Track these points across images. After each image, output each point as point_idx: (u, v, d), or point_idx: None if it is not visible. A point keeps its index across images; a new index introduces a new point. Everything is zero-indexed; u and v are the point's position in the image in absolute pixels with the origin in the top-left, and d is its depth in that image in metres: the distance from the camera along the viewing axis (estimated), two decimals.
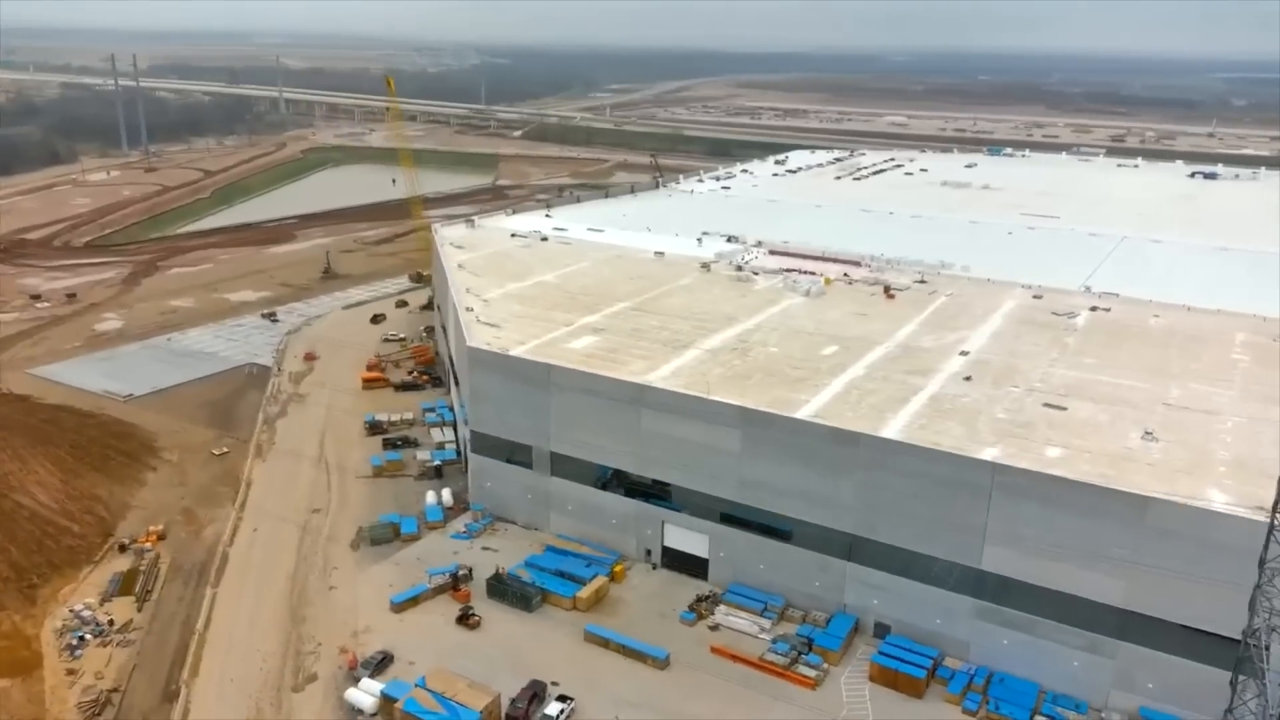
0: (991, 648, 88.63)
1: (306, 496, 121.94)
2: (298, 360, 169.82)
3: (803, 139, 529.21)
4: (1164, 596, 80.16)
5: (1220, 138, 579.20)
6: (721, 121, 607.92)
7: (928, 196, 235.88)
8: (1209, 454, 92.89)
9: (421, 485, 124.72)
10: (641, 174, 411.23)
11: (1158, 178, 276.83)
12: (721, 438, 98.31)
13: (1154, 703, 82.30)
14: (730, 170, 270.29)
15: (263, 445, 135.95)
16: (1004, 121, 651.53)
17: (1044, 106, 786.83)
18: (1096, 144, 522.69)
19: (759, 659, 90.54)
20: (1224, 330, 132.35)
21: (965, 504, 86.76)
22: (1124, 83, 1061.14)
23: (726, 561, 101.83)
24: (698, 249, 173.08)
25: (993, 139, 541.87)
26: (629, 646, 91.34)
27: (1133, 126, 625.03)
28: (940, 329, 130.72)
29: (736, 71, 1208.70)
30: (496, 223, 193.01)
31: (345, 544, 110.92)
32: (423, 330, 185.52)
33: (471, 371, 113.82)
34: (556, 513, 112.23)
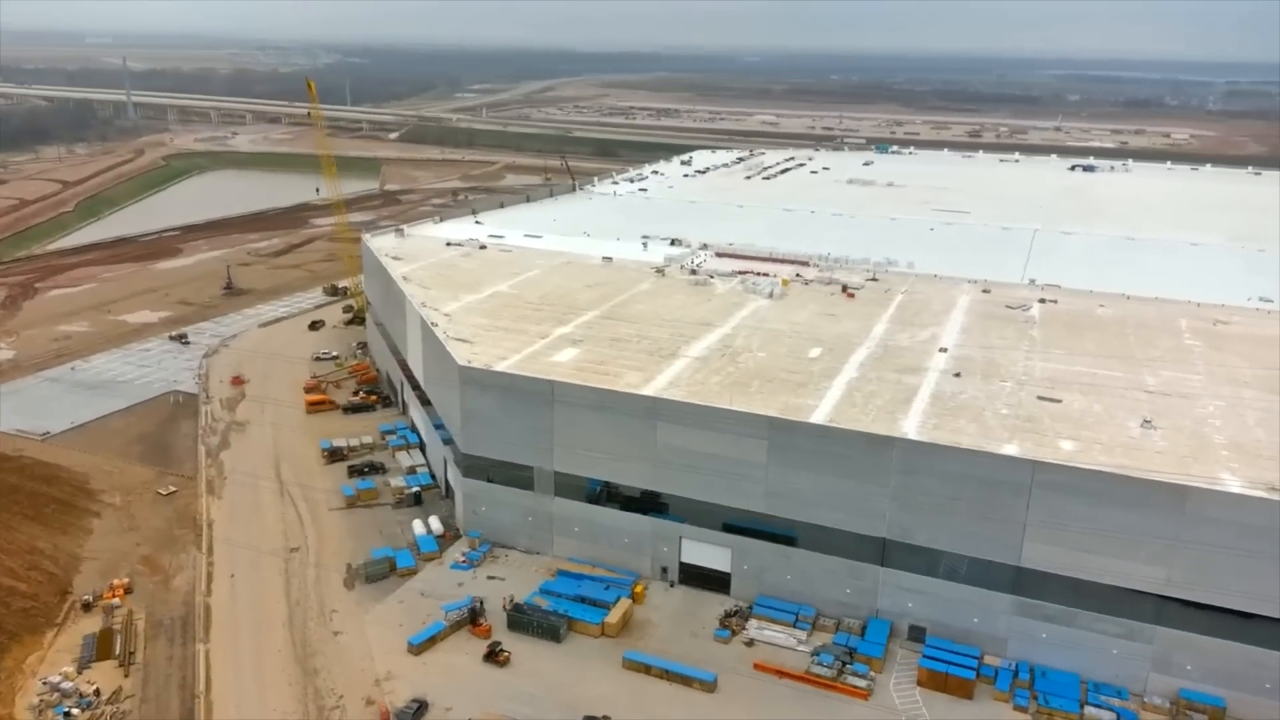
0: (1030, 642, 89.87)
1: (278, 534, 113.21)
2: (225, 385, 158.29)
3: (684, 139, 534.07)
4: (1202, 581, 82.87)
5: (1067, 131, 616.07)
6: (601, 122, 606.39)
7: (840, 195, 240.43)
8: (1205, 438, 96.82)
9: (402, 514, 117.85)
10: (531, 176, 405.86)
11: (1041, 172, 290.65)
12: (746, 449, 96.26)
13: (1194, 683, 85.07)
14: (641, 171, 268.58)
15: (213, 481, 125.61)
16: (866, 119, 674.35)
17: (899, 105, 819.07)
18: (958, 140, 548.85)
19: (805, 673, 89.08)
20: (1167, 317, 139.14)
21: (1005, 502, 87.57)
22: (965, 80, 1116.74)
23: (751, 574, 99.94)
24: (644, 253, 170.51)
25: (859, 136, 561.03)
26: (674, 671, 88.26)
27: (985, 123, 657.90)
28: (909, 326, 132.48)
29: (596, 71, 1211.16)
30: (426, 231, 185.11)
31: (337, 583, 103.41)
32: (356, 347, 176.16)
33: (463, 391, 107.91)
34: (561, 535, 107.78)
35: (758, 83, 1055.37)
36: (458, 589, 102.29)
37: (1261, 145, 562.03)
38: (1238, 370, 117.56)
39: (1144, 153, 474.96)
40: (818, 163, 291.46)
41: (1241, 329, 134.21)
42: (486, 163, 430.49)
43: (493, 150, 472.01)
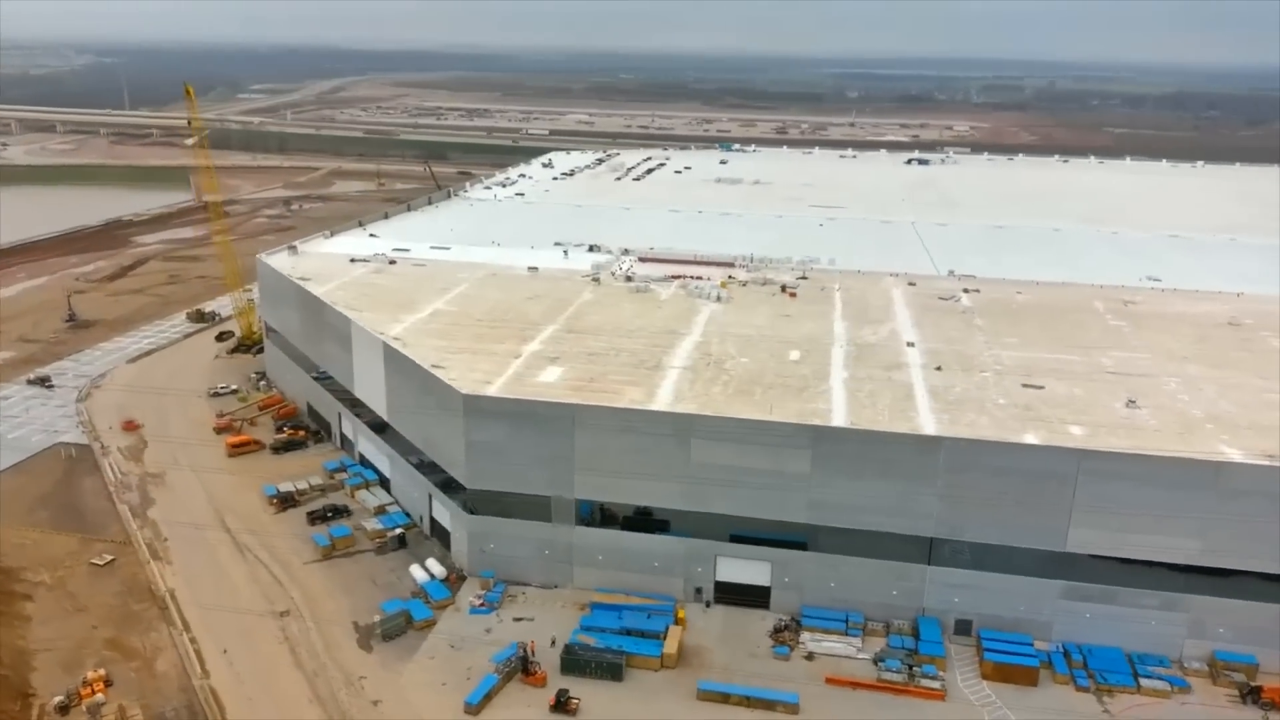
0: (1074, 623, 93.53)
1: (256, 597, 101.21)
2: (117, 431, 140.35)
3: (511, 139, 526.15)
4: (1234, 548, 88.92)
5: (860, 126, 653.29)
6: (416, 124, 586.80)
7: (716, 194, 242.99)
8: (1184, 414, 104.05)
9: (390, 560, 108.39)
10: (359, 181, 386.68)
11: (883, 166, 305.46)
12: (788, 460, 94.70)
13: (1227, 645, 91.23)
14: (509, 175, 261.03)
15: (154, 544, 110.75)
16: (676, 118, 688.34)
17: (700, 103, 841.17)
18: (768, 137, 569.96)
19: (877, 681, 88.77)
20: (1083, 300, 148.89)
21: (1051, 492, 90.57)
22: (748, 79, 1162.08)
23: (792, 587, 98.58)
24: (566, 261, 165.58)
25: (674, 135, 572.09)
26: (755, 697, 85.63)
27: (786, 120, 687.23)
28: (866, 323, 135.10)
29: (380, 70, 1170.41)
30: (318, 247, 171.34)
31: (350, 645, 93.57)
32: (256, 379, 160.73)
33: (468, 422, 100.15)
34: (582, 566, 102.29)
35: (555, 81, 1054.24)
36: (486, 635, 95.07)
37: (1032, 135, 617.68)
38: (1172, 347, 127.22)
39: (935, 144, 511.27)
40: (676, 163, 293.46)
41: (1149, 308, 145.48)
42: (308, 169, 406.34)
43: (310, 155, 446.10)
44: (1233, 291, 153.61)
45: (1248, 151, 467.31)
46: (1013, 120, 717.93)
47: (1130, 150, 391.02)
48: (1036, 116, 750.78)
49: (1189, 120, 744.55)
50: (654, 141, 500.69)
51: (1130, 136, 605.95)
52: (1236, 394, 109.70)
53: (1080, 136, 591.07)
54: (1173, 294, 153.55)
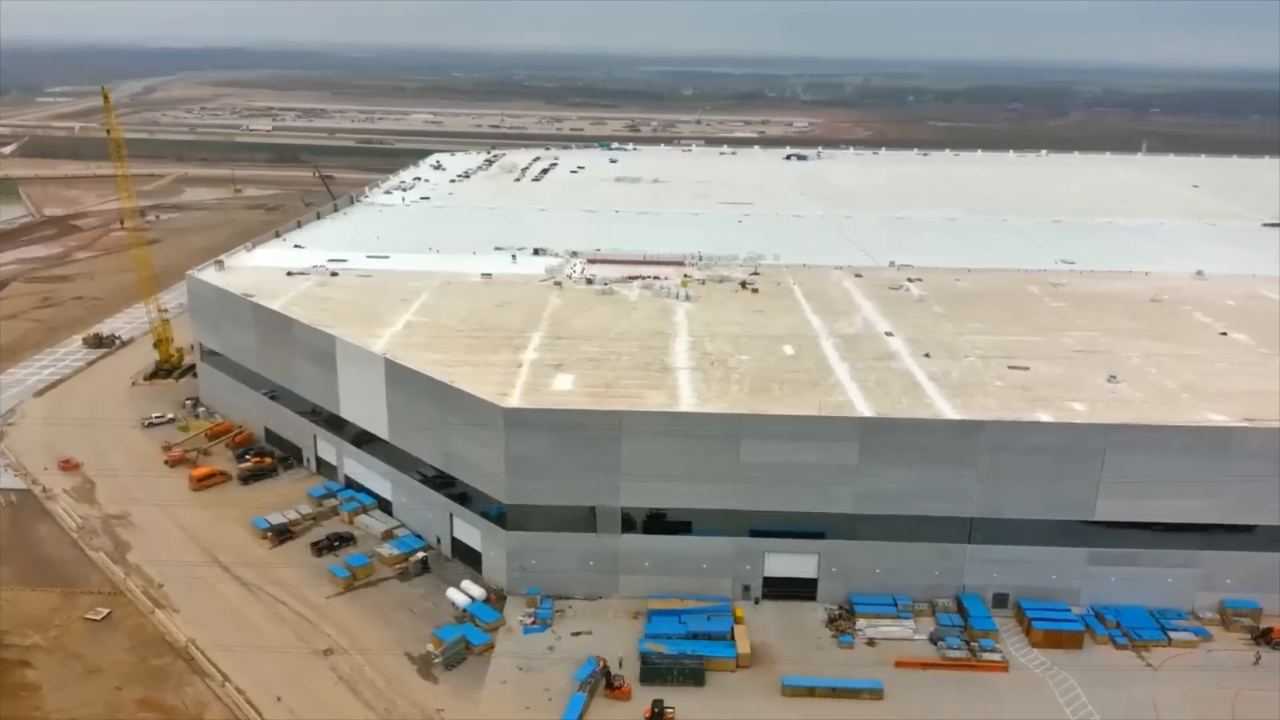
0: (1101, 587, 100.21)
1: (287, 636, 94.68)
2: (55, 472, 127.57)
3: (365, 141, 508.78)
4: (1241, 505, 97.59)
5: (707, 124, 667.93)
6: (253, 126, 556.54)
7: (622, 193, 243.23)
8: (1160, 386, 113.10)
9: (417, 585, 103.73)
10: (209, 188, 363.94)
11: (764, 163, 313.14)
12: (836, 453, 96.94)
13: (1233, 594, 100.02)
14: (403, 179, 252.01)
15: (149, 591, 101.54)
16: (524, 117, 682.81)
17: (543, 101, 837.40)
18: (622, 135, 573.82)
19: (942, 659, 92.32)
20: (1015, 284, 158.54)
21: (1081, 466, 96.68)
22: (580, 77, 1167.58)
23: (839, 576, 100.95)
24: (515, 265, 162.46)
25: (529, 134, 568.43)
26: (841, 687, 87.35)
27: (634, 117, 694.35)
28: (835, 314, 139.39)
29: (188, 70, 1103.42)
30: (242, 261, 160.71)
31: (411, 677, 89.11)
32: (189, 404, 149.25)
33: (510, 436, 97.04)
34: (629, 574, 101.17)
35: (382, 80, 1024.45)
36: (550, 654, 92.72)
37: (866, 130, 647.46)
38: (1117, 325, 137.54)
39: (783, 140, 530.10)
40: (566, 162, 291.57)
41: (1075, 289, 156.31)
42: (152, 176, 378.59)
43: (147, 162, 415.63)
44: (1141, 270, 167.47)
45: (1061, 141, 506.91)
46: (844, 116, 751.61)
47: (954, 143, 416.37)
48: (864, 113, 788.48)
49: (998, 113, 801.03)
50: (510, 141, 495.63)
51: (952, 129, 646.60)
52: (1193, 365, 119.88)
53: (908, 131, 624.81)
54: (1089, 275, 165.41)
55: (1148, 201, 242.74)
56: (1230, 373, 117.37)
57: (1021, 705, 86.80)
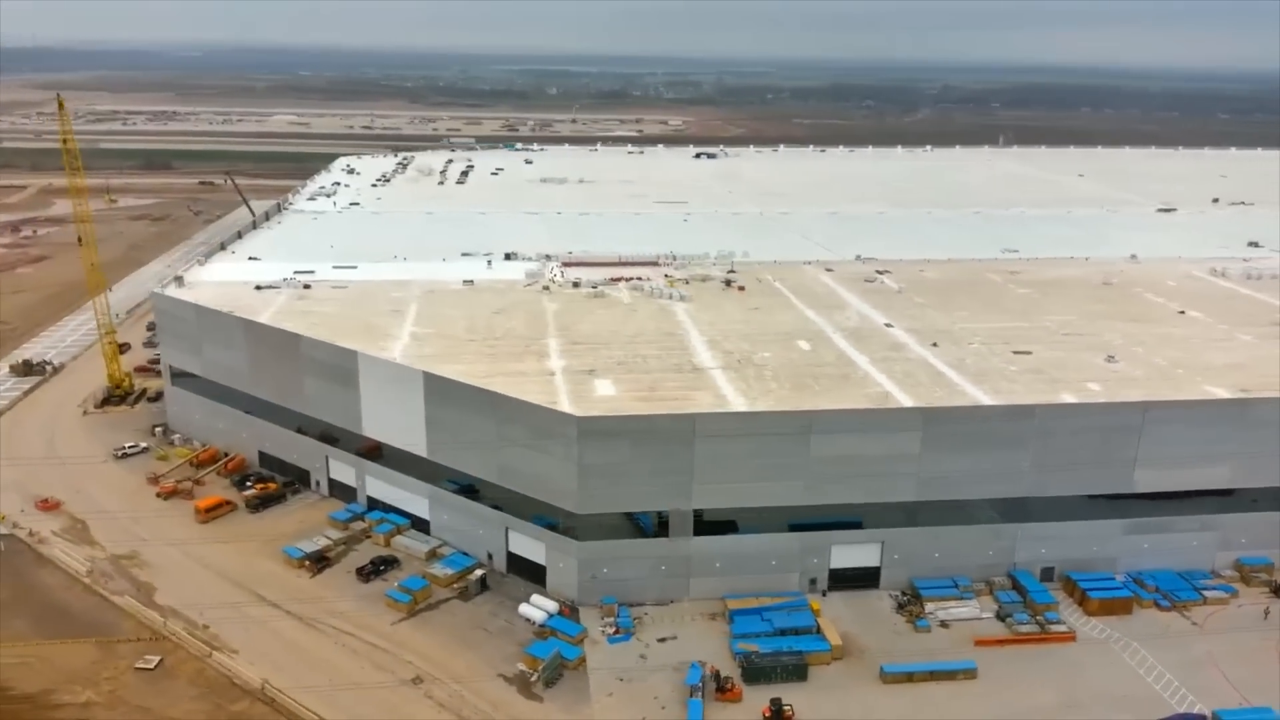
0: (1135, 554, 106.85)
1: (366, 669, 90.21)
2: (35, 513, 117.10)
3: (232, 144, 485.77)
4: (1257, 470, 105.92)
5: (583, 122, 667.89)
6: (109, 130, 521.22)
7: (555, 194, 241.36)
8: (1152, 363, 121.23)
9: (480, 604, 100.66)
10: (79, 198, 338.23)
11: (676, 161, 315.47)
12: (900, 443, 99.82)
13: (1248, 552, 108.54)
14: (323, 186, 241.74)
15: (196, 633, 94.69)
16: (395, 117, 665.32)
17: (406, 100, 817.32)
18: (502, 134, 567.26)
19: (1015, 635, 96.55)
20: (978, 274, 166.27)
21: (1121, 442, 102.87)
22: (438, 75, 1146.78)
23: (901, 563, 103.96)
24: (490, 271, 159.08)
25: (404, 135, 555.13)
26: (939, 670, 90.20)
27: (510, 117, 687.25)
28: (829, 309, 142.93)
29: None
30: (199, 276, 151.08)
31: (513, 699, 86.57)
32: (161, 432, 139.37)
33: (583, 446, 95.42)
34: (700, 576, 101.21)
35: (239, 80, 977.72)
36: (644, 662, 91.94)
37: (739, 128, 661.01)
38: (1084, 308, 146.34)
39: (663, 138, 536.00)
40: (482, 164, 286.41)
41: (1031, 276, 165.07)
42: (12, 188, 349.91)
43: (4, 172, 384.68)
44: (1081, 256, 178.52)
45: (922, 135, 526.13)
46: (712, 114, 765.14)
47: (823, 139, 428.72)
48: (730, 110, 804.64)
49: (855, 110, 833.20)
50: (390, 142, 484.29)
51: (819, 126, 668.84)
52: (1171, 343, 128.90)
53: (778, 128, 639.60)
54: (1036, 263, 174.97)
55: (1046, 191, 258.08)
56: (1206, 349, 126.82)
57: (1102, 673, 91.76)
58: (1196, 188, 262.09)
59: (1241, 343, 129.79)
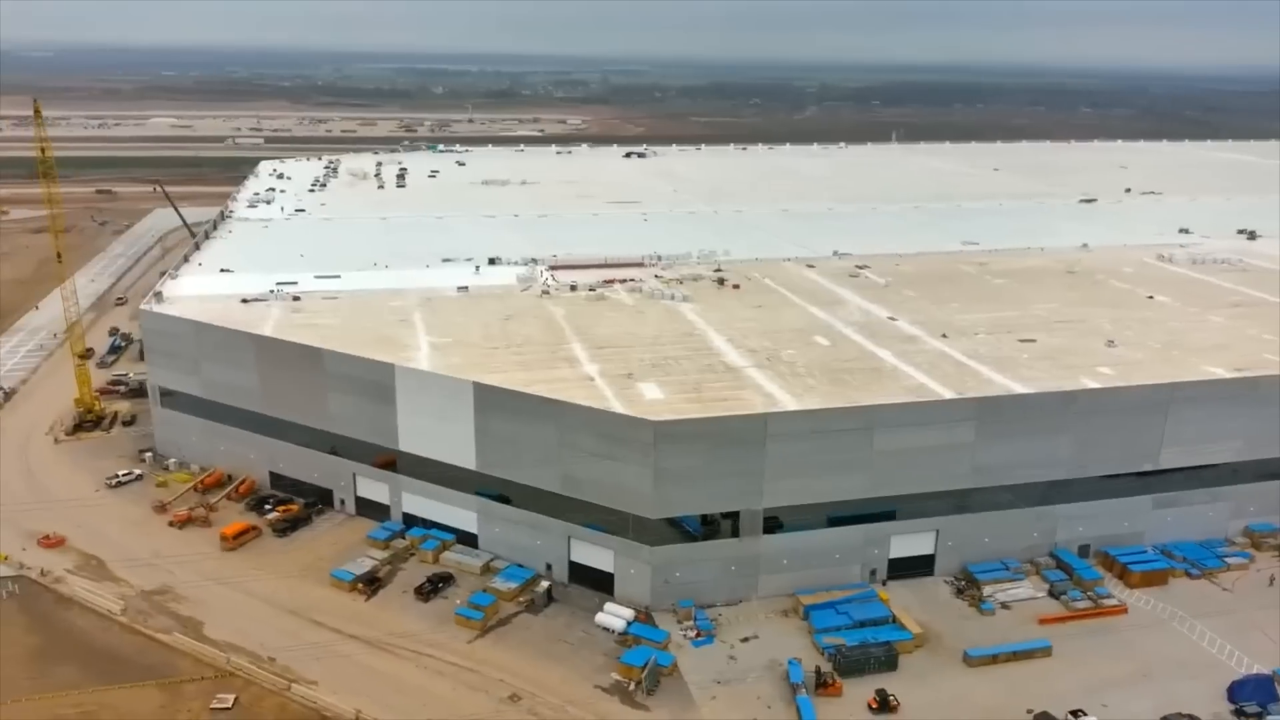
0: (1159, 527, 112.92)
1: (459, 691, 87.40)
2: (39, 551, 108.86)
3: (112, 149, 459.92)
4: (1264, 442, 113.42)
5: (479, 122, 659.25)
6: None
7: (504, 196, 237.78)
8: (1147, 346, 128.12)
9: (554, 615, 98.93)
10: None
11: (609, 161, 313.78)
12: (955, 433, 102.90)
13: (1255, 519, 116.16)
14: (258, 192, 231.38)
15: (263, 665, 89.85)
16: (282, 118, 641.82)
17: (288, 101, 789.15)
18: (399, 135, 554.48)
19: (1073, 611, 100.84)
20: (950, 266, 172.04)
21: (1149, 421, 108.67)
22: (314, 75, 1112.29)
23: (954, 549, 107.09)
24: (478, 277, 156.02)
25: (296, 137, 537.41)
26: (1018, 650, 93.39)
27: (405, 117, 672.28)
28: (829, 305, 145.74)
29: None
30: (174, 291, 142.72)
31: (624, 710, 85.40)
32: (152, 457, 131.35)
33: (660, 451, 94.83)
34: (768, 574, 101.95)
35: (88, 82, 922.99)
36: (732, 664, 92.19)
37: (637, 126, 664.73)
38: (1061, 295, 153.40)
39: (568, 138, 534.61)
40: (414, 166, 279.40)
41: (1000, 266, 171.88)
42: None
43: None
44: (1036, 246, 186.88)
45: (815, 132, 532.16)
46: (609, 113, 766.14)
47: (724, 137, 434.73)
48: (623, 109, 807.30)
49: (744, 108, 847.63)
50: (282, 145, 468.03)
51: (713, 124, 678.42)
52: (1155, 326, 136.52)
53: (678, 127, 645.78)
54: (998, 254, 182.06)
55: (970, 184, 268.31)
56: (1187, 331, 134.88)
57: (1160, 642, 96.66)
58: (1101, 178, 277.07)
59: (1215, 324, 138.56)
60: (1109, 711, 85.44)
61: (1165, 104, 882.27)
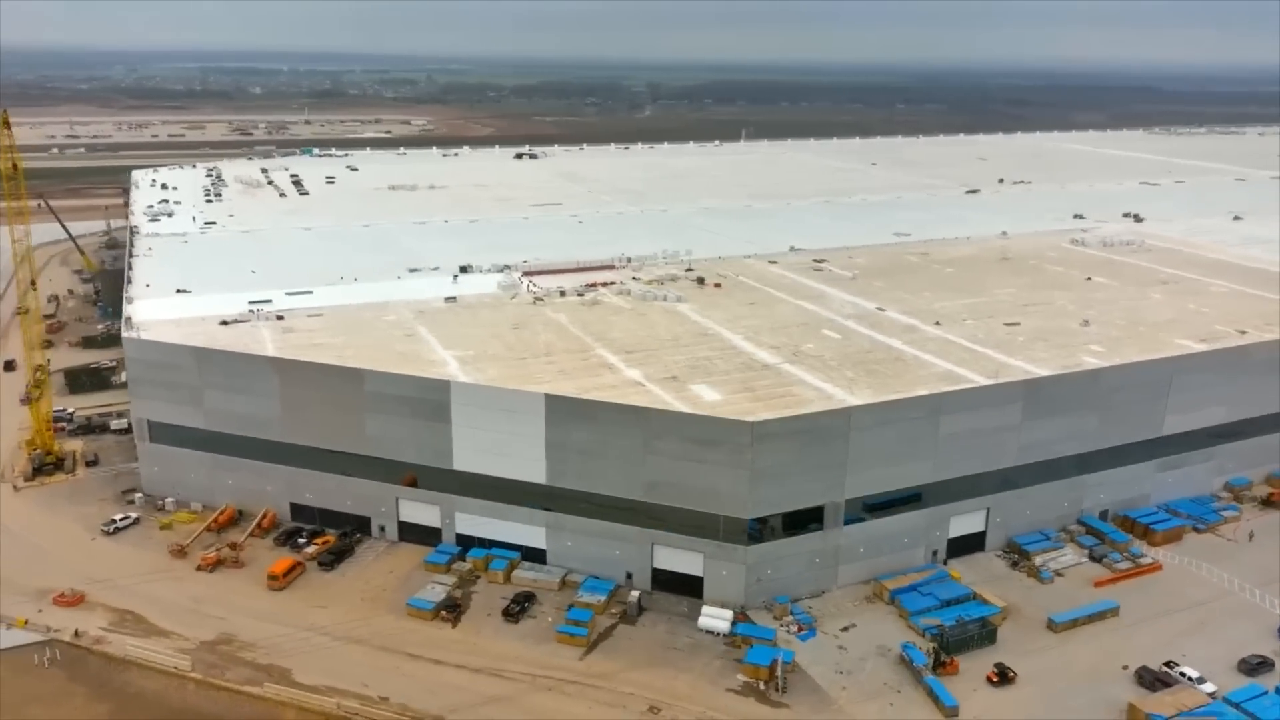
0: (1162, 489, 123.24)
1: (602, 710, 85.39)
2: (57, 611, 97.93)
3: None
4: (1250, 404, 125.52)
5: (320, 124, 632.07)
6: None
7: (419, 202, 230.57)
8: (1116, 323, 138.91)
9: (653, 624, 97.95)
10: None
11: (504, 163, 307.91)
12: (1005, 415, 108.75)
13: (1233, 474, 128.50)
14: (152, 205, 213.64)
15: (383, 709, 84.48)
16: (98, 123, 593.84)
17: (96, 106, 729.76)
18: (238, 139, 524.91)
19: (1118, 572, 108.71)
20: (898, 257, 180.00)
21: (1157, 392, 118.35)
22: (103, 76, 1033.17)
23: (1001, 525, 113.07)
24: (456, 286, 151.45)
25: (108, 145, 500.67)
26: (1092, 613, 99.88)
27: (235, 119, 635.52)
28: (814, 299, 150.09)
29: None
30: (140, 316, 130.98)
31: (765, 711, 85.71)
32: (137, 499, 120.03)
33: (757, 451, 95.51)
34: (846, 564, 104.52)
35: None
36: (844, 653, 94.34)
37: (486, 127, 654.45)
38: (1012, 280, 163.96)
39: (419, 140, 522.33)
40: (305, 172, 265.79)
41: (941, 255, 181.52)
42: None
43: None
44: (962, 236, 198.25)
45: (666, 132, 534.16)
46: (452, 113, 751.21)
47: (576, 137, 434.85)
48: (464, 109, 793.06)
49: (582, 107, 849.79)
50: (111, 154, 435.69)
51: (563, 123, 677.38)
52: (1112, 306, 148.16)
53: (530, 127, 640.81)
54: (929, 243, 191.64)
55: (859, 179, 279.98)
56: (1138, 308, 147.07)
57: (1202, 592, 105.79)
58: (971, 170, 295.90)
59: (1156, 301, 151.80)
60: (1190, 660, 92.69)
61: (974, 99, 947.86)
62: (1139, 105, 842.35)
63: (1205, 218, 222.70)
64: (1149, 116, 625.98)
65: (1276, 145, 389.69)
